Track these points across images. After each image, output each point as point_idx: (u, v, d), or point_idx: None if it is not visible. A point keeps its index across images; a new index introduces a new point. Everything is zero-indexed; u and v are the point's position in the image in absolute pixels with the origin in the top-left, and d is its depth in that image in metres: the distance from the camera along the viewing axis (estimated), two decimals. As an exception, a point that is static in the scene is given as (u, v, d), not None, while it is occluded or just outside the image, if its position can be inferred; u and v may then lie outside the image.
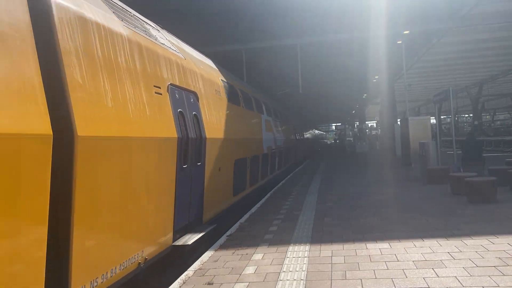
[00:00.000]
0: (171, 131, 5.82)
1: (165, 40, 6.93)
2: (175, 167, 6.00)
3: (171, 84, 6.17)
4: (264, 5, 13.58)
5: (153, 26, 6.96)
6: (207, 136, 7.46)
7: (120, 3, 5.96)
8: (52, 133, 3.36)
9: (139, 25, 5.98)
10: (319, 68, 22.75)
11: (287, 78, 23.73)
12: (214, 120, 8.30)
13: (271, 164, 15.69)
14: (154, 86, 5.59)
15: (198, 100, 7.43)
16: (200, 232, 6.83)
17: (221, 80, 9.69)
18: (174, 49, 7.00)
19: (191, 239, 6.39)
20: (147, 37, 5.90)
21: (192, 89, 7.18)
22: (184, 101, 6.65)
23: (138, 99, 5.00)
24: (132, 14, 6.09)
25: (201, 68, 8.20)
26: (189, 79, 7.16)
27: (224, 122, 8.99)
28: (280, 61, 20.74)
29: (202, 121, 7.41)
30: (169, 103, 5.97)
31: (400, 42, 18.29)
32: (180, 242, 6.18)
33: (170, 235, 5.95)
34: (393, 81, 25.92)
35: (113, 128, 4.32)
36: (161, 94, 5.74)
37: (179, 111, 6.31)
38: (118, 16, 5.29)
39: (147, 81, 5.37)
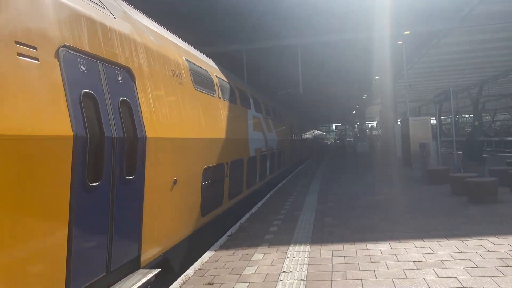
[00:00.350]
0: (57, 125, 3.61)
1: None
2: (69, 185, 3.73)
3: (66, 46, 3.90)
4: (264, 5, 13.57)
5: None
6: (148, 135, 5.14)
7: None
8: None
9: None
10: (319, 68, 22.73)
11: (287, 78, 23.71)
12: (167, 112, 5.90)
13: (261, 169, 13.34)
14: (17, 43, 3.34)
15: (133, 80, 5.07)
16: None
17: (186, 60, 7.29)
18: (94, 1, 4.84)
19: None
20: None
21: (122, 63, 4.91)
22: (99, 78, 4.41)
23: None
24: None
25: (146, 38, 5.88)
26: (118, 47, 4.89)
27: (185, 116, 6.60)
28: (280, 61, 20.74)
29: (140, 112, 5.11)
30: (60, 77, 3.76)
31: (401, 42, 18.29)
32: None
33: None
34: (393, 82, 25.89)
35: None
36: (37, 60, 3.51)
37: (85, 92, 4.08)
38: None
39: None
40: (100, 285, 4.22)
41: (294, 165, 25.24)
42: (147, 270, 5.01)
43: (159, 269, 5.08)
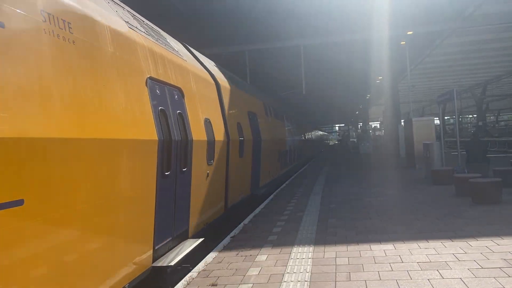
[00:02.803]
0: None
1: None
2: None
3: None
4: (267, 6, 13.60)
5: None
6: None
7: None
8: None
9: None
10: (322, 69, 22.74)
11: (290, 80, 23.74)
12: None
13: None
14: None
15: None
16: None
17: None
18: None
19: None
20: None
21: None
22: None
23: None
24: None
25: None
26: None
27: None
28: (283, 63, 20.76)
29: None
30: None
31: (404, 43, 18.26)
32: None
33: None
34: (396, 82, 25.88)
35: None
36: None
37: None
38: None
39: None
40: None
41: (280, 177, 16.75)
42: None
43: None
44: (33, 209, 3.22)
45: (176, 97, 6.41)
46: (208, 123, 7.94)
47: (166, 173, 5.70)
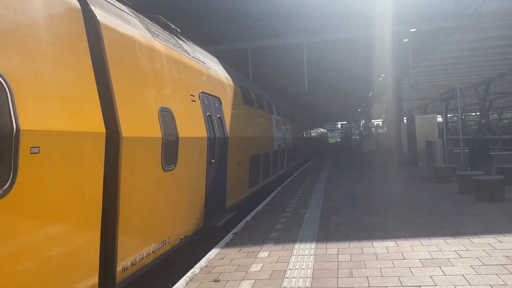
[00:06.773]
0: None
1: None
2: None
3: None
4: (270, 4, 13.57)
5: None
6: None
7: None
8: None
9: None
10: (324, 66, 22.69)
11: (293, 77, 23.71)
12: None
13: None
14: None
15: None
16: None
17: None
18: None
19: None
20: None
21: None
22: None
23: None
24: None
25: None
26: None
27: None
28: (286, 60, 20.72)
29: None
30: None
31: (407, 40, 18.20)
32: None
33: None
34: (399, 80, 25.80)
35: None
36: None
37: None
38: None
39: None
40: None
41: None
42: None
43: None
44: None
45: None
46: None
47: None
